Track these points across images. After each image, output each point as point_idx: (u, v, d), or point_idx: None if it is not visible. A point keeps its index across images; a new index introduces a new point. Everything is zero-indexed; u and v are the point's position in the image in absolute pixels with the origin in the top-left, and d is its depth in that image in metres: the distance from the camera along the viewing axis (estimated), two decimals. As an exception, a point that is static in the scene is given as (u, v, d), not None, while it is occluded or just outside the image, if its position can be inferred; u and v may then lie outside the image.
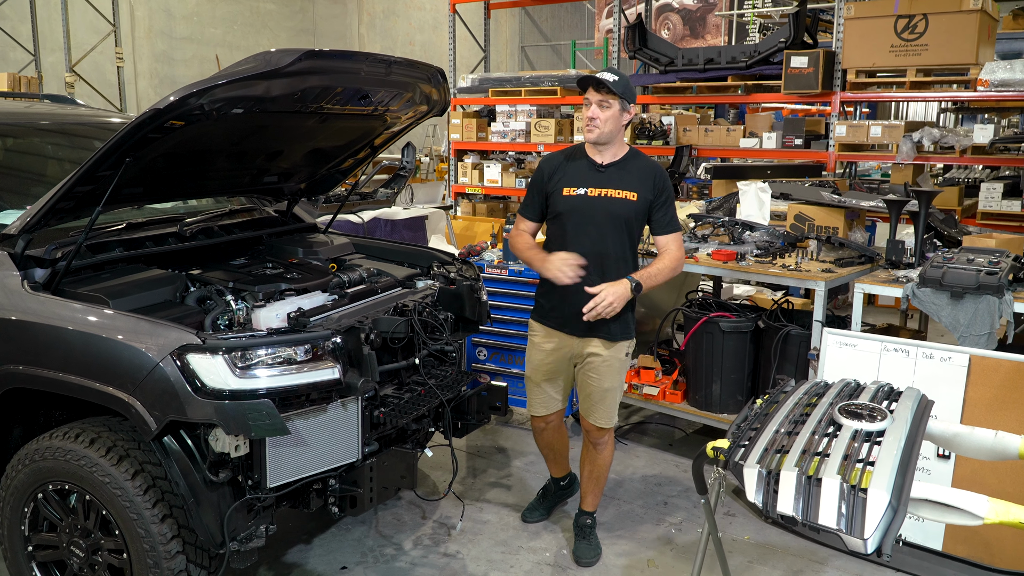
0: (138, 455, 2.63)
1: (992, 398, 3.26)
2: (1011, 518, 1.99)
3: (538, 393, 3.43)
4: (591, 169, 3.17)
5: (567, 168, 3.21)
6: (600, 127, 3.08)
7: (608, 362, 3.25)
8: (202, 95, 2.50)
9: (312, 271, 3.38)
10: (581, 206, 3.14)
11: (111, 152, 2.56)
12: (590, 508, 3.52)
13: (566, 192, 3.17)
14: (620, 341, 3.26)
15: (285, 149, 3.48)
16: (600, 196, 3.15)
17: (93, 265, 2.99)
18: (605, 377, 3.27)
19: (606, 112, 3.07)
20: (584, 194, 3.14)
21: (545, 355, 3.33)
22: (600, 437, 3.40)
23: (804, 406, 2.41)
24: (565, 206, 3.17)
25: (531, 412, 3.50)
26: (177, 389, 2.45)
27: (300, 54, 2.56)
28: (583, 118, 3.13)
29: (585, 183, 3.15)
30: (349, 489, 2.89)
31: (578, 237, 3.15)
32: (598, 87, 3.07)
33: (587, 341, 3.24)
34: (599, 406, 3.32)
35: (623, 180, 3.14)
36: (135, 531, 2.58)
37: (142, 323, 2.55)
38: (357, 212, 7.28)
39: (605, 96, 3.07)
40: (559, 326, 3.26)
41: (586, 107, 3.11)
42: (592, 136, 3.11)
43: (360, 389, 2.75)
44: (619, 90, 3.05)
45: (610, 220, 3.14)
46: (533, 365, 3.39)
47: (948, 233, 4.56)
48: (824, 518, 1.94)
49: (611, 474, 4.26)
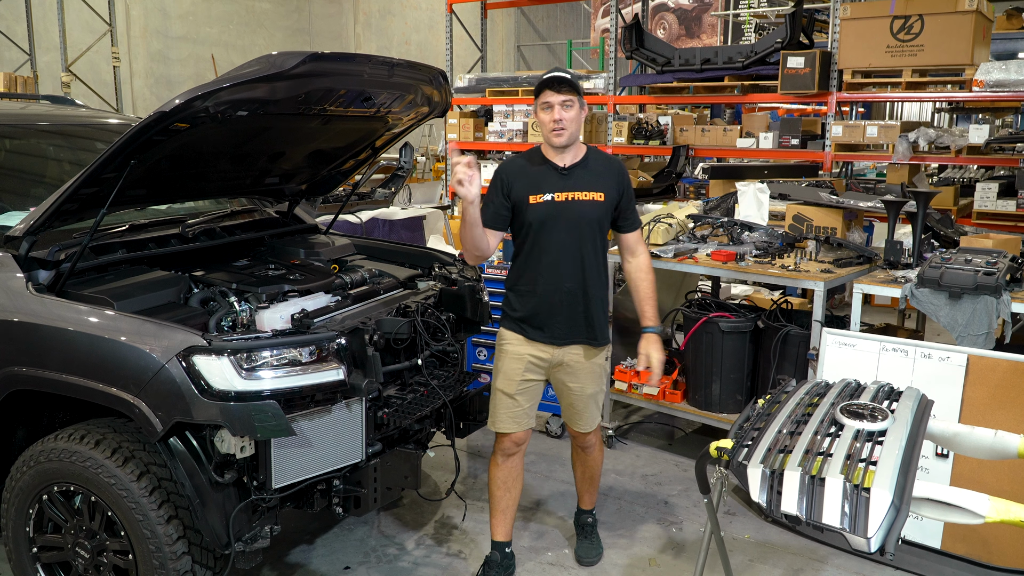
0: (143, 456, 2.64)
1: (990, 397, 3.29)
2: (1012, 516, 2.01)
3: (510, 406, 3.15)
4: (554, 173, 3.03)
5: (529, 174, 3.05)
6: (568, 128, 2.94)
7: (590, 368, 3.18)
8: (207, 98, 2.52)
9: (314, 272, 3.39)
10: (550, 213, 3.00)
11: (116, 154, 2.57)
12: (588, 506, 3.53)
13: (532, 200, 3.01)
14: (602, 346, 3.20)
15: (287, 151, 3.49)
16: (568, 200, 3.02)
17: (97, 267, 2.99)
18: (588, 383, 3.20)
19: (570, 112, 2.93)
20: (551, 200, 3.00)
21: (522, 365, 3.13)
22: (587, 440, 3.37)
23: (806, 406, 2.43)
24: (533, 215, 3.02)
25: (499, 429, 3.18)
26: (183, 390, 2.46)
27: (304, 57, 2.57)
28: (542, 122, 2.97)
29: (551, 188, 3.01)
30: (353, 490, 2.91)
31: (551, 246, 3.02)
32: (559, 87, 2.92)
33: (568, 349, 3.12)
34: (584, 412, 3.26)
35: (588, 181, 3.03)
36: (141, 532, 2.59)
37: (147, 325, 2.56)
38: (355, 212, 7.28)
39: (567, 96, 2.92)
40: (538, 335, 3.10)
41: (545, 110, 2.94)
42: (562, 140, 2.96)
43: (364, 390, 2.76)
44: (578, 88, 2.95)
45: (582, 224, 3.03)
46: (506, 376, 3.14)
47: (945, 233, 4.59)
48: (828, 517, 1.96)
49: (612, 473, 4.28)
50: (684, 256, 4.24)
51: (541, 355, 3.13)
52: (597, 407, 3.30)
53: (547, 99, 2.94)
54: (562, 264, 3.04)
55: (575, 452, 3.47)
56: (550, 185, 3.02)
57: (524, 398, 3.17)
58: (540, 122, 3.00)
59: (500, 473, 3.24)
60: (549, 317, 3.08)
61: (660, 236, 4.44)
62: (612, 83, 8.36)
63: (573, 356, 3.14)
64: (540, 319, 3.09)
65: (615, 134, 8.22)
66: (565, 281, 3.04)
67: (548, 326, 3.09)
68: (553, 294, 3.05)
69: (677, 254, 4.25)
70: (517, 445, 3.23)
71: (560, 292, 3.05)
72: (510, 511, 3.31)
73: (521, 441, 3.23)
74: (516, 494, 3.31)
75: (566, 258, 3.03)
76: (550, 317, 3.08)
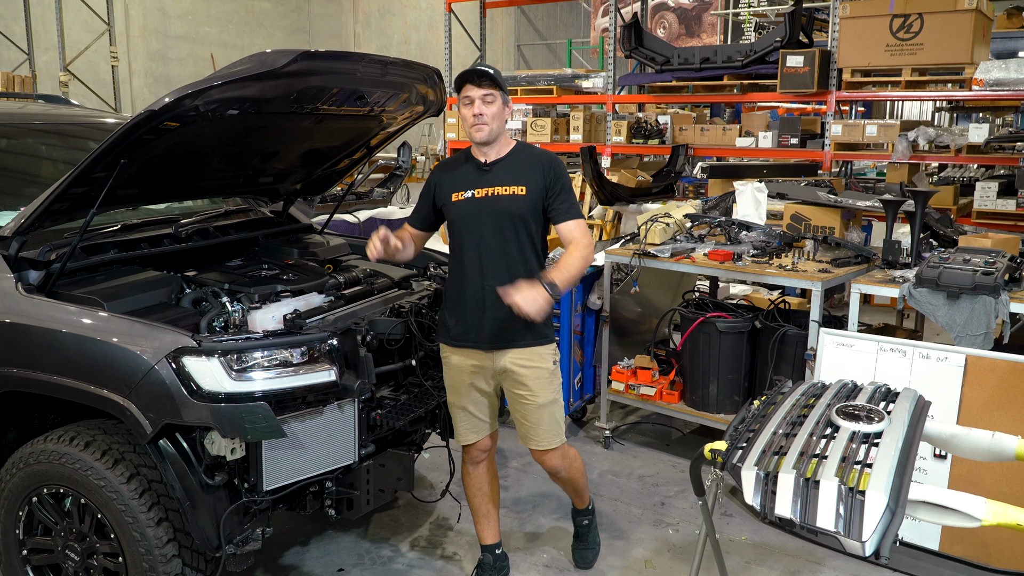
0: (134, 458, 2.61)
1: (988, 398, 3.26)
2: (1009, 520, 1.99)
3: (465, 418, 3.09)
4: (476, 170, 2.97)
5: (454, 174, 3.01)
6: (488, 123, 2.87)
7: (536, 373, 2.97)
8: (197, 96, 2.50)
9: (308, 272, 3.37)
10: (471, 209, 2.94)
11: (106, 154, 2.55)
12: (582, 506, 3.47)
13: (455, 198, 2.96)
14: (537, 346, 2.97)
15: (281, 150, 3.47)
16: (487, 196, 2.93)
17: (88, 267, 2.97)
18: (538, 391, 2.98)
19: (492, 107, 2.86)
20: (472, 197, 2.93)
21: (464, 375, 3.03)
22: (551, 463, 3.12)
23: (802, 407, 2.41)
24: (456, 213, 2.97)
25: (461, 441, 3.15)
26: (173, 392, 2.44)
27: (296, 55, 2.55)
28: (464, 118, 2.91)
29: (471, 185, 2.95)
30: (346, 492, 2.89)
31: (474, 242, 2.93)
32: (479, 81, 2.84)
33: (502, 353, 2.95)
34: (539, 426, 3.03)
35: (509, 176, 2.93)
36: (131, 535, 2.57)
37: (137, 325, 2.54)
38: (353, 212, 7.27)
39: (489, 90, 2.85)
40: (468, 342, 2.98)
41: (466, 105, 2.88)
42: (482, 135, 2.88)
43: (357, 391, 2.74)
44: (500, 82, 2.87)
45: (502, 219, 2.91)
46: (453, 389, 3.08)
47: (944, 232, 4.57)
48: (822, 520, 1.94)
49: (609, 474, 4.26)
50: (681, 256, 4.22)
51: (479, 363, 3.00)
52: (555, 421, 3.05)
53: (468, 93, 2.88)
54: (485, 262, 2.92)
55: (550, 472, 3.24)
56: (471, 182, 2.96)
57: (476, 408, 3.08)
58: (462, 117, 2.94)
59: (473, 481, 3.20)
60: (476, 320, 2.95)
61: (657, 236, 4.42)
62: (611, 82, 8.34)
63: (513, 361, 2.96)
64: (467, 323, 2.97)
65: (614, 133, 8.20)
66: (489, 279, 2.90)
67: (476, 330, 2.95)
68: (477, 294, 2.93)
69: (674, 254, 4.22)
70: (483, 452, 3.17)
71: (485, 291, 2.91)
72: (492, 514, 3.26)
73: (486, 448, 3.17)
74: (494, 495, 3.26)
75: (489, 255, 2.92)
76: (477, 320, 2.95)
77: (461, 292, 2.97)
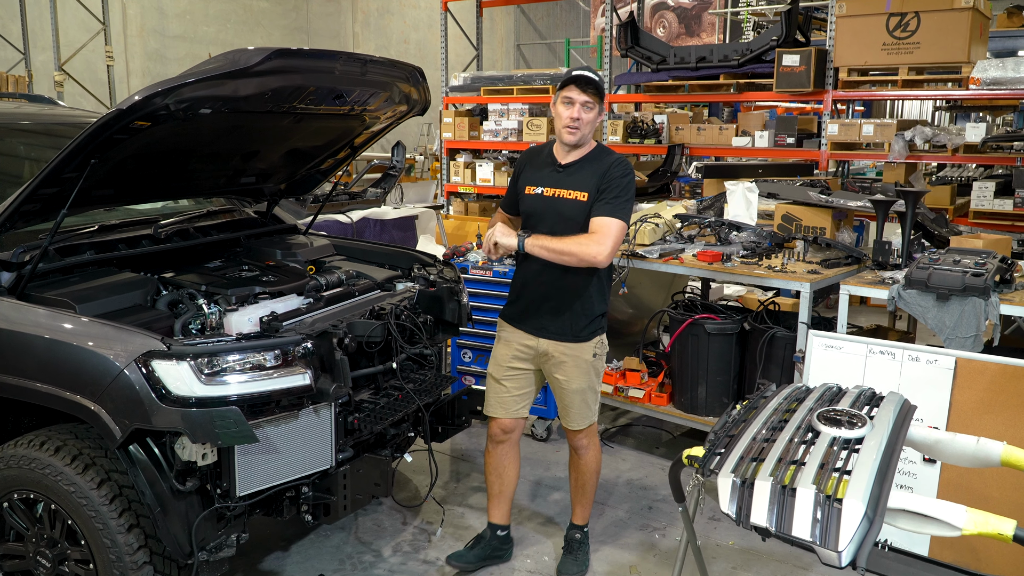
0: (104, 463, 2.57)
1: (978, 401, 3.21)
2: (989, 529, 1.94)
3: (497, 391, 3.24)
4: (552, 168, 3.09)
5: (534, 165, 3.16)
6: (583, 130, 2.97)
7: (574, 362, 3.13)
8: (167, 95, 2.45)
9: (289, 274, 3.33)
10: (538, 206, 3.07)
11: (75, 154, 2.51)
12: (580, 521, 3.44)
13: (527, 191, 3.12)
14: (577, 342, 3.12)
15: (261, 149, 3.42)
16: (554, 197, 3.05)
17: (63, 268, 2.93)
18: (572, 378, 3.15)
19: (590, 114, 2.96)
20: (541, 194, 3.07)
21: (508, 350, 3.21)
22: (579, 440, 3.29)
23: (783, 412, 2.35)
24: (525, 205, 3.14)
25: (487, 412, 3.29)
26: (142, 396, 2.39)
27: (268, 53, 2.51)
28: (559, 115, 2.98)
29: (544, 182, 3.08)
30: (323, 497, 2.84)
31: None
32: (585, 87, 2.92)
33: (550, 341, 3.14)
34: (571, 408, 3.22)
35: (577, 180, 3.02)
36: (101, 541, 2.53)
37: (106, 328, 2.49)
38: (346, 212, 7.22)
39: (591, 97, 2.93)
40: (521, 324, 3.18)
41: (566, 105, 2.95)
42: (574, 139, 2.98)
43: (332, 395, 2.69)
44: (602, 92, 2.97)
45: (562, 222, 3.02)
46: (495, 361, 3.26)
47: (939, 233, 4.51)
48: (798, 529, 1.88)
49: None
50: (669, 257, 4.17)
51: (526, 343, 3.18)
52: (587, 405, 3.22)
53: (570, 94, 2.95)
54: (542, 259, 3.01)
55: (570, 455, 3.40)
56: (545, 179, 3.08)
57: (512, 384, 3.22)
58: (556, 114, 3.01)
59: (491, 460, 3.34)
60: (529, 307, 3.14)
61: (647, 236, 4.37)
62: (608, 81, 8.29)
63: (557, 348, 3.14)
64: (521, 308, 3.17)
65: (610, 132, 8.14)
66: (544, 274, 3.06)
67: (528, 316, 3.16)
68: (533, 286, 3.11)
69: (662, 254, 4.17)
70: (505, 433, 3.28)
71: (539, 284, 3.09)
72: (504, 496, 3.38)
73: (509, 429, 3.28)
74: (509, 481, 3.36)
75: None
76: (529, 307, 3.14)
77: (523, 278, 3.16)
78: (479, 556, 3.39)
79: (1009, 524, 1.97)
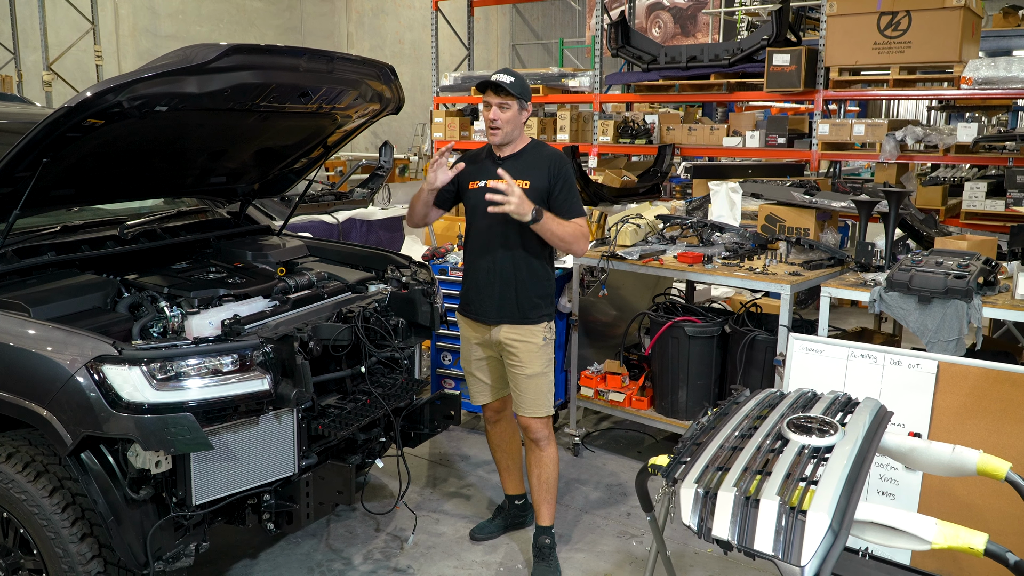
0: (57, 471, 2.50)
1: (960, 406, 3.14)
2: (960, 543, 1.87)
3: (474, 382, 3.47)
4: (492, 162, 3.26)
5: (475, 163, 3.32)
6: (502, 128, 3.16)
7: (526, 347, 3.24)
8: (119, 91, 2.39)
9: (257, 275, 3.25)
10: (481, 198, 3.13)
11: (24, 153, 2.44)
12: (546, 522, 3.37)
13: (471, 187, 3.26)
14: (529, 324, 3.24)
15: (229, 149, 3.35)
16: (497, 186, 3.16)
17: (21, 270, 2.86)
18: (526, 363, 3.25)
19: (506, 114, 3.15)
20: (484, 186, 3.16)
21: (471, 346, 3.40)
22: (535, 431, 3.31)
23: (754, 419, 2.28)
24: (470, 200, 3.29)
25: (474, 402, 3.53)
26: (92, 403, 2.32)
27: (224, 49, 2.44)
28: (484, 119, 3.20)
29: (486, 175, 3.20)
30: (285, 505, 2.77)
31: (482, 228, 3.22)
32: (497, 90, 3.13)
33: (499, 328, 3.26)
34: (524, 396, 3.29)
35: (518, 170, 3.17)
36: (53, 551, 2.46)
37: (56, 332, 2.42)
38: (332, 212, 7.15)
39: (504, 99, 3.13)
40: (475, 315, 3.31)
41: (486, 109, 3.18)
42: (496, 139, 3.19)
43: (293, 400, 2.62)
44: (516, 91, 3.13)
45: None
46: (463, 357, 3.49)
47: (928, 234, 4.43)
48: (760, 543, 1.81)
49: (576, 482, 4.14)
50: (650, 258, 4.09)
51: (483, 334, 3.33)
52: (541, 393, 3.30)
53: (487, 99, 3.18)
54: (490, 246, 3.21)
55: (529, 451, 3.37)
56: (486, 173, 3.22)
57: (483, 374, 3.43)
58: (483, 118, 3.24)
59: (492, 438, 3.60)
60: (479, 296, 3.28)
61: (628, 237, 4.30)
62: (598, 81, 8.21)
63: (508, 335, 3.26)
64: (472, 298, 3.32)
65: (600, 133, 8.07)
66: (494, 262, 3.22)
67: (479, 305, 3.29)
68: (482, 274, 3.25)
69: (643, 256, 4.10)
70: (496, 412, 3.52)
71: (488, 272, 3.24)
72: (512, 468, 3.62)
73: (498, 409, 3.51)
74: (515, 453, 3.60)
75: (494, 240, 3.21)
76: (480, 296, 3.28)
77: (472, 271, 3.31)
78: (501, 525, 3.66)
79: (980, 538, 1.90)
